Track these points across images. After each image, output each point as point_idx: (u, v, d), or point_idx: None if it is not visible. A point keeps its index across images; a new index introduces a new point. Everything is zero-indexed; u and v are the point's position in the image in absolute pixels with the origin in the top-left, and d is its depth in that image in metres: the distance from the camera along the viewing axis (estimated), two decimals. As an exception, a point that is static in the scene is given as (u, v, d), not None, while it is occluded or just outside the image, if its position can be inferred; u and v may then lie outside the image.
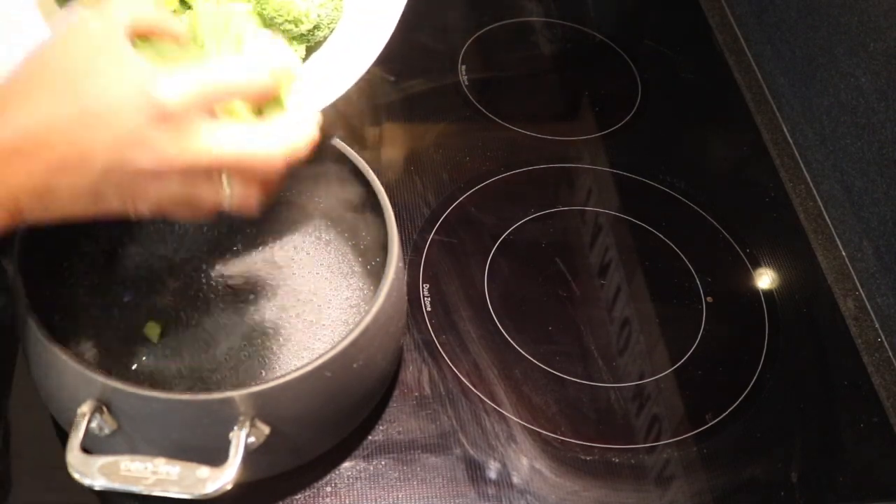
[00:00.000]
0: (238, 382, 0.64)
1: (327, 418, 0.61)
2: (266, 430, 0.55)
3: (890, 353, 0.77)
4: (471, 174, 0.87)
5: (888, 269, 0.79)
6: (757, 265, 0.83)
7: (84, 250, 0.70)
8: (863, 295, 0.82)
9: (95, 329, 0.66)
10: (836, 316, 0.80)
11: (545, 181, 0.88)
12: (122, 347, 0.65)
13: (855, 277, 0.83)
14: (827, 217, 0.88)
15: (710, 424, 0.71)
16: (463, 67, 0.98)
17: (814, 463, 0.70)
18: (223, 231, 0.73)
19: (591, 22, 1.07)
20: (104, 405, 0.54)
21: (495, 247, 0.81)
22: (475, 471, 0.67)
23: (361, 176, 0.68)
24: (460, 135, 0.92)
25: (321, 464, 0.65)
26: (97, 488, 0.51)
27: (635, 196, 0.88)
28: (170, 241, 0.72)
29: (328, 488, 0.65)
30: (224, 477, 0.51)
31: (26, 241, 0.60)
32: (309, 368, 0.56)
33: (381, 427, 0.68)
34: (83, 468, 0.51)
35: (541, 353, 0.74)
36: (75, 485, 0.51)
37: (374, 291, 0.64)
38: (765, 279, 0.82)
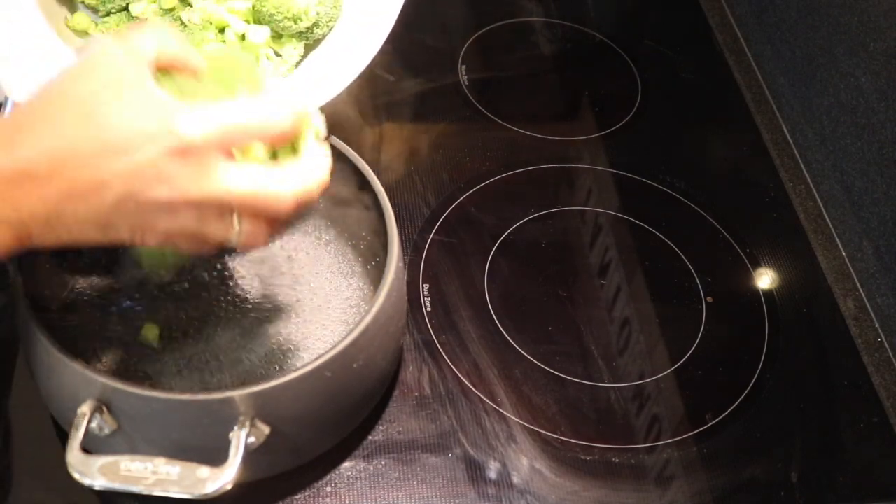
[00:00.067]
0: (238, 382, 0.64)
1: (327, 418, 0.61)
2: (266, 430, 0.56)
3: (890, 353, 0.77)
4: (471, 174, 0.87)
5: (888, 269, 0.79)
6: (757, 265, 0.83)
7: (84, 250, 0.70)
8: (863, 295, 0.82)
9: (95, 329, 0.66)
10: (836, 316, 0.80)
11: (545, 181, 0.88)
12: (122, 347, 0.65)
13: (855, 277, 0.83)
14: (827, 217, 0.88)
15: (710, 424, 0.71)
16: (463, 67, 0.98)
17: (814, 463, 0.70)
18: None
19: (591, 22, 1.07)
20: (104, 405, 0.54)
21: (495, 247, 0.81)
22: (475, 471, 0.67)
23: (361, 176, 0.68)
24: (460, 135, 0.92)
25: (321, 464, 0.65)
26: (97, 488, 0.51)
27: (635, 196, 0.88)
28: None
29: (328, 488, 0.65)
30: (224, 477, 0.51)
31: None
32: (309, 368, 0.56)
33: (381, 427, 0.68)
34: (83, 468, 0.51)
35: (541, 353, 0.74)
36: (75, 485, 0.51)
37: (374, 291, 0.64)
38: (765, 279, 0.82)
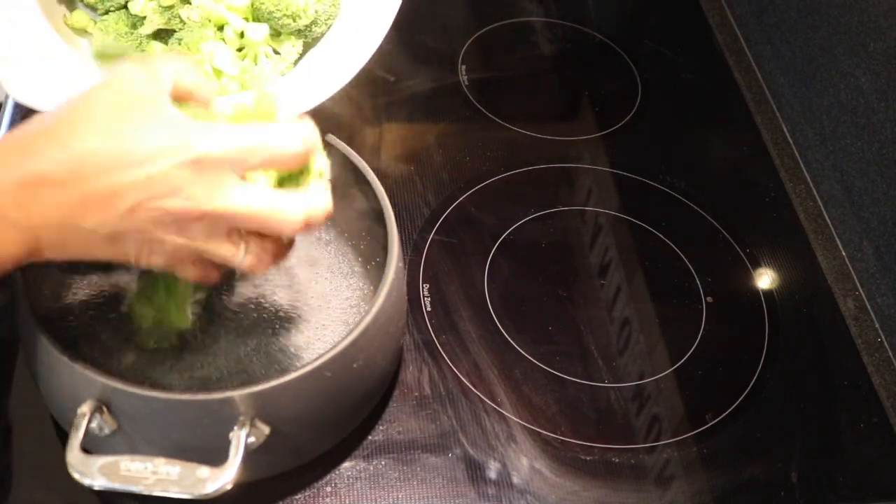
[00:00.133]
0: (238, 382, 0.64)
1: (327, 418, 0.61)
2: (266, 430, 0.56)
3: (890, 353, 0.77)
4: (471, 174, 0.87)
5: (888, 269, 0.79)
6: (757, 265, 0.83)
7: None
8: (863, 295, 0.82)
9: (95, 329, 0.66)
10: (836, 316, 0.80)
11: (545, 181, 0.88)
12: (123, 347, 0.65)
13: (855, 277, 0.83)
14: (827, 217, 0.88)
15: (710, 424, 0.71)
16: (463, 67, 0.98)
17: (814, 463, 0.70)
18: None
19: (591, 22, 1.07)
20: (104, 405, 0.54)
21: (495, 247, 0.81)
22: (475, 471, 0.67)
23: (361, 176, 0.68)
24: (460, 135, 0.92)
25: (321, 464, 0.65)
26: (97, 488, 0.51)
27: (635, 196, 0.88)
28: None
29: (328, 488, 0.65)
30: (224, 477, 0.52)
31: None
32: (309, 368, 0.56)
33: (381, 427, 0.68)
34: (83, 468, 0.51)
35: (541, 353, 0.74)
36: (75, 485, 0.51)
37: (374, 291, 0.64)
38: (765, 279, 0.82)
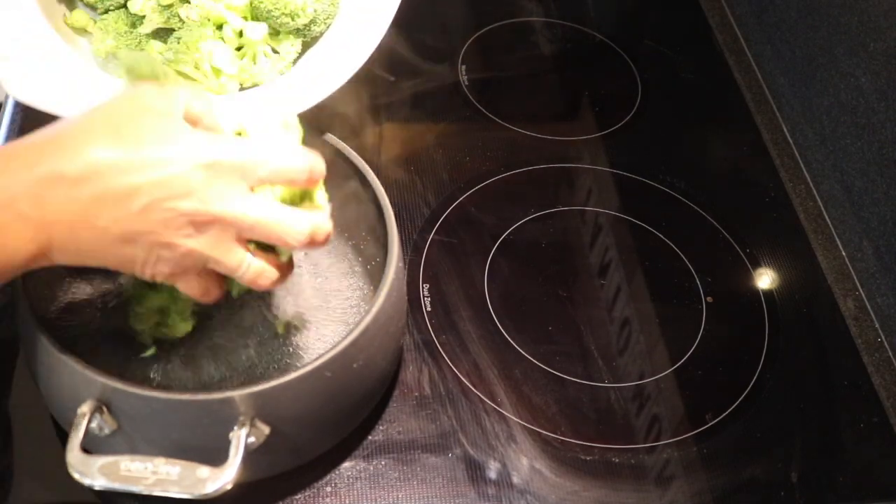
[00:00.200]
0: (238, 382, 0.64)
1: (327, 418, 0.61)
2: (266, 430, 0.55)
3: (890, 353, 0.77)
4: (471, 174, 0.87)
5: (888, 269, 0.79)
6: (757, 265, 0.83)
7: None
8: (863, 295, 0.82)
9: (95, 329, 0.66)
10: (836, 316, 0.80)
11: (545, 181, 0.88)
12: (123, 348, 0.65)
13: (855, 277, 0.83)
14: (827, 217, 0.88)
15: (710, 424, 0.71)
16: (463, 67, 0.98)
17: (814, 463, 0.70)
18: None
19: (591, 22, 1.07)
20: (104, 405, 0.54)
21: (495, 247, 0.81)
22: (475, 471, 0.67)
23: (361, 176, 0.68)
24: (460, 135, 0.92)
25: (321, 464, 0.65)
26: (97, 488, 0.51)
27: (635, 196, 0.88)
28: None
29: (328, 488, 0.65)
30: (224, 477, 0.52)
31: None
32: (309, 368, 0.56)
33: (381, 427, 0.68)
34: (83, 468, 0.51)
35: (541, 353, 0.74)
36: (75, 485, 0.51)
37: (374, 291, 0.64)
38: (765, 279, 0.82)
